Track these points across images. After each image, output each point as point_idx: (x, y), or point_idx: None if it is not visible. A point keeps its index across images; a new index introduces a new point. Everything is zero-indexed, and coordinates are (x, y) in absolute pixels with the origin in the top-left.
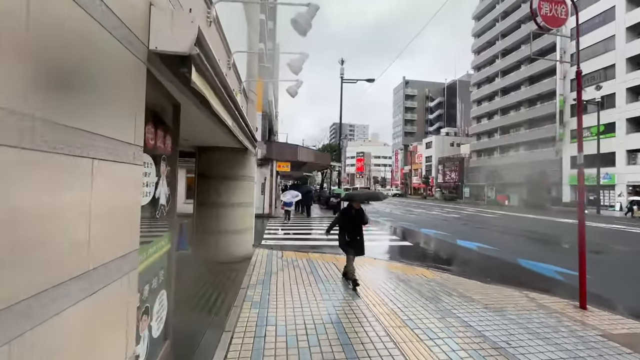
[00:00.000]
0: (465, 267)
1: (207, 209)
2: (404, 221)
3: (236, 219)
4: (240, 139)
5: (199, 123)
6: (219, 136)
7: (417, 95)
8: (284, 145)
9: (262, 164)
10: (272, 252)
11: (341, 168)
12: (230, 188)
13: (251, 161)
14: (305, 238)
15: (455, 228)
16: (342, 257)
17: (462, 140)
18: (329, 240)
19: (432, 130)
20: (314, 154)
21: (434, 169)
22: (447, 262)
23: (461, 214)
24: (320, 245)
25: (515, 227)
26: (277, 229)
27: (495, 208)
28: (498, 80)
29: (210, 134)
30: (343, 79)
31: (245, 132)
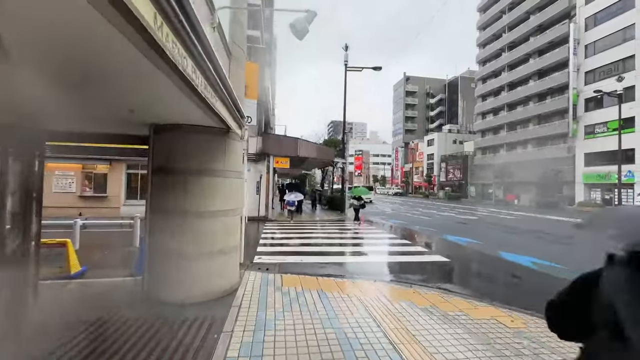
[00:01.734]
0: (540, 299)
1: (167, 219)
2: (419, 224)
3: (215, 235)
4: (219, 112)
5: (144, 81)
6: (184, 107)
7: (417, 91)
8: (283, 138)
9: (257, 159)
10: (268, 277)
11: (345, 165)
12: (206, 188)
13: (236, 148)
14: (308, 244)
15: (483, 233)
16: (363, 282)
17: (465, 138)
18: (337, 255)
19: (433, 127)
20: (316, 149)
21: (436, 167)
22: (510, 292)
23: (477, 215)
24: (329, 261)
25: (555, 233)
26: (274, 234)
27: (506, 208)
28: (505, 74)
29: (171, 104)
30: (347, 67)
31: (226, 101)
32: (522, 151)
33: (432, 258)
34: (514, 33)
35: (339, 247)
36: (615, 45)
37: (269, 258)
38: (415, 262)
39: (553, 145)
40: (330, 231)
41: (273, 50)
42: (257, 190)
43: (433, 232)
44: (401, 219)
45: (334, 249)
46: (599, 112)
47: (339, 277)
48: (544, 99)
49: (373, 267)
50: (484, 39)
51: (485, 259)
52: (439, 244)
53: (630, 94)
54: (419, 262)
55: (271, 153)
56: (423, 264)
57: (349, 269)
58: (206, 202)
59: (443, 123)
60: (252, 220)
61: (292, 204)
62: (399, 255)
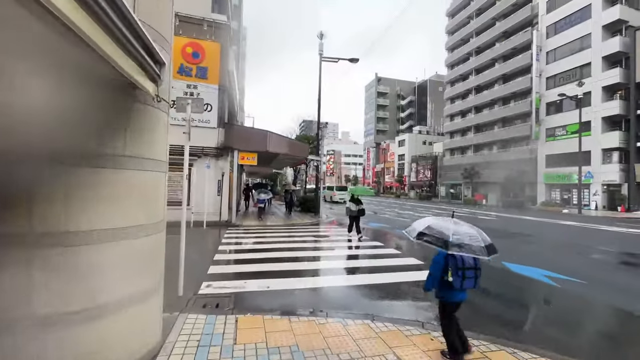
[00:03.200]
0: (560, 334)
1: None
2: (400, 227)
3: (105, 275)
4: (92, 38)
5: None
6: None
7: (389, 92)
8: (249, 130)
9: (219, 154)
10: (214, 323)
11: (320, 162)
12: (86, 189)
13: (150, 119)
14: (278, 258)
15: None
16: (358, 324)
17: (434, 139)
18: (316, 276)
19: (404, 128)
20: (288, 144)
21: (407, 168)
22: (562, 330)
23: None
24: (306, 286)
25: (539, 235)
26: (236, 244)
27: (477, 208)
28: (472, 78)
29: None
30: (322, 57)
31: (111, 19)
32: (488, 152)
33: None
34: (480, 38)
35: (317, 261)
36: (574, 52)
37: (222, 285)
38: (411, 282)
39: (517, 147)
40: (305, 238)
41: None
42: (219, 191)
43: None
44: (381, 222)
45: (311, 266)
46: (559, 115)
47: (321, 315)
48: (508, 103)
49: (362, 291)
50: (453, 43)
51: (493, 274)
52: (430, 253)
53: (587, 100)
54: (414, 282)
55: (236, 147)
56: (420, 284)
57: (333, 297)
58: (86, 215)
59: (413, 124)
60: (213, 226)
61: (262, 202)
62: (387, 272)
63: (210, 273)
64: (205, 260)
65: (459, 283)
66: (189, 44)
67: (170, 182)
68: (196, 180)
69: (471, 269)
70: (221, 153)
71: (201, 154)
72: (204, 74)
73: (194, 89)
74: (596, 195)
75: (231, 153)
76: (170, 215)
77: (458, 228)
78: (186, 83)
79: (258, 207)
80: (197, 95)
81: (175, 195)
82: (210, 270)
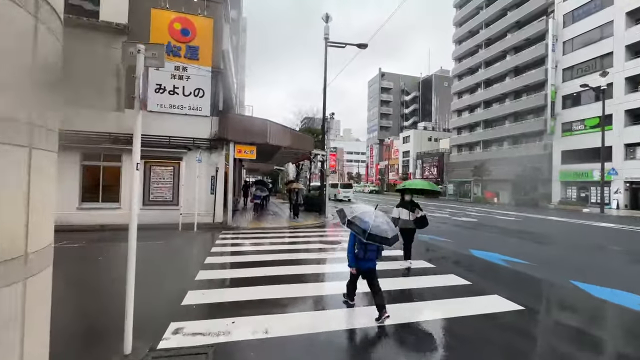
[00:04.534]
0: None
1: None
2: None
3: None
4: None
5: None
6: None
7: (392, 88)
8: (247, 120)
9: (212, 147)
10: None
11: (326, 157)
12: None
13: None
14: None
15: (519, 247)
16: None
17: (440, 135)
18: (332, 308)
19: (408, 124)
20: (291, 135)
21: (411, 165)
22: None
23: (472, 216)
24: (321, 329)
25: (604, 244)
26: (228, 254)
27: (490, 207)
28: (481, 71)
29: None
30: (328, 41)
31: None
32: (498, 149)
33: (492, 305)
34: (490, 29)
35: (337, 281)
36: (593, 42)
37: (199, 327)
38: (467, 317)
39: (529, 142)
40: (313, 245)
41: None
42: (212, 189)
43: (449, 244)
44: None
45: (327, 289)
46: (577, 109)
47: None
48: (520, 96)
49: (417, 339)
50: (460, 35)
51: (589, 308)
52: (476, 268)
53: (608, 92)
54: (473, 318)
55: (231, 139)
56: (481, 320)
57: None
58: None
59: (417, 120)
60: (204, 229)
61: (258, 198)
62: (431, 301)
63: (186, 304)
64: (183, 281)
65: (362, 254)
66: (177, 19)
67: (158, 177)
68: (186, 176)
69: (373, 245)
70: (215, 145)
71: (192, 146)
72: (195, 54)
73: (183, 71)
74: (618, 193)
75: (226, 146)
76: (160, 217)
77: (377, 221)
78: (174, 64)
79: (254, 203)
80: (187, 79)
81: (162, 194)
82: (186, 298)
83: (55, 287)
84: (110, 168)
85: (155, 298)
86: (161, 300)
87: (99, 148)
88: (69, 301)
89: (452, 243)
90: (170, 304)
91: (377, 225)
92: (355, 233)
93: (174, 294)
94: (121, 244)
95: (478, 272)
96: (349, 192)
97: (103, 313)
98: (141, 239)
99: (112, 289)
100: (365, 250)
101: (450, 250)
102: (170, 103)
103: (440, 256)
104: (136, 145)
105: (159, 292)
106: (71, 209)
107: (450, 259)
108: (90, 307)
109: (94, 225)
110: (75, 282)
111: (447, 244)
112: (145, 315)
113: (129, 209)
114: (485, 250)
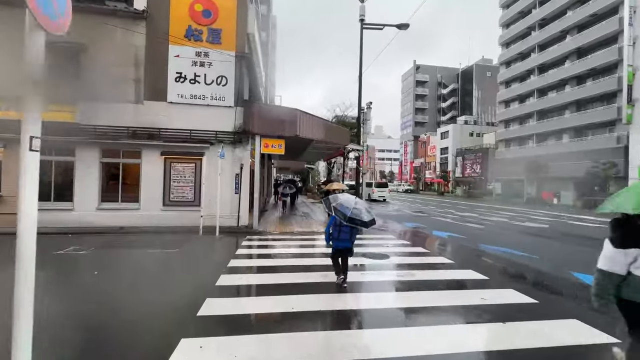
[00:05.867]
0: None
1: None
2: (484, 241)
3: None
4: None
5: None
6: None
7: (428, 81)
8: (274, 109)
9: (236, 141)
10: None
11: (362, 153)
12: None
13: None
14: (313, 311)
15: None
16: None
17: (482, 130)
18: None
19: (445, 119)
20: (324, 127)
21: (450, 162)
22: None
23: (538, 221)
24: None
25: None
26: (249, 272)
27: (553, 209)
28: (534, 55)
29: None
30: (363, 23)
31: None
32: (556, 142)
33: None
34: (546, 8)
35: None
36: None
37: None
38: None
39: (596, 134)
40: (358, 260)
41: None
42: (237, 188)
43: (538, 263)
44: (450, 229)
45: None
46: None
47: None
48: (583, 82)
49: None
50: (508, 17)
51: None
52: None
53: None
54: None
55: (257, 132)
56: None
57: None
58: None
59: (456, 115)
60: (228, 233)
61: (286, 195)
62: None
63: (183, 348)
64: (189, 306)
65: (336, 234)
66: (198, 0)
67: (178, 175)
68: (208, 174)
69: (346, 228)
70: (239, 139)
71: (214, 141)
72: (217, 37)
73: (204, 57)
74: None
75: (252, 140)
76: (181, 218)
77: (356, 207)
78: (194, 50)
79: (282, 201)
80: (209, 65)
81: (183, 194)
82: (181, 344)
83: None
84: (129, 166)
85: (144, 335)
86: (152, 341)
87: (117, 144)
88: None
89: (539, 260)
90: (163, 345)
91: (357, 210)
92: (339, 217)
93: (170, 329)
94: (133, 250)
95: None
96: (384, 191)
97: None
98: (154, 245)
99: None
100: (339, 232)
101: (552, 277)
102: (191, 93)
103: (550, 288)
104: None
105: (153, 327)
106: (91, 208)
107: (568, 293)
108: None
109: (113, 227)
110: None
111: (533, 261)
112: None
113: (148, 209)
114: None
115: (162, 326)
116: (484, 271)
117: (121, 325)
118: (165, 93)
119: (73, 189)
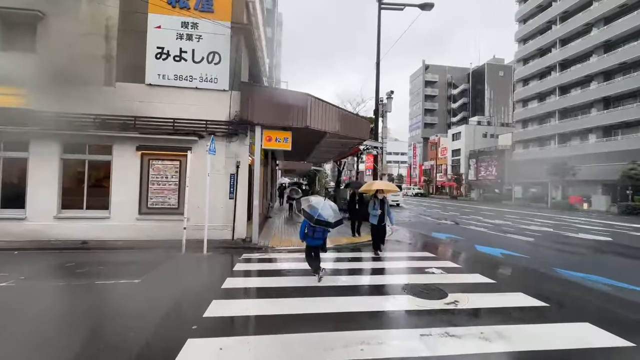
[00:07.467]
0: None
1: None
2: (541, 260)
3: None
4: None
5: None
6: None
7: (438, 82)
8: (279, 93)
9: (231, 133)
10: None
11: (380, 150)
12: None
13: None
14: None
15: None
16: None
17: (497, 131)
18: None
19: (456, 120)
20: (340, 116)
21: (463, 164)
22: None
23: (584, 229)
24: None
25: None
26: (254, 304)
27: (579, 214)
28: (555, 51)
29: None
30: (382, 3)
31: None
32: (581, 143)
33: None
34: (568, 0)
35: None
36: None
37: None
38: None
39: (625, 134)
40: (396, 297)
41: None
42: (231, 192)
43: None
44: (494, 243)
45: None
46: None
47: None
48: (611, 77)
49: None
50: (526, 12)
51: None
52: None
53: None
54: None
55: (258, 122)
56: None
57: None
58: None
59: (467, 116)
60: (219, 249)
61: (293, 199)
62: None
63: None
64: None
65: (311, 233)
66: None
67: (159, 175)
68: (194, 174)
69: (319, 228)
70: (235, 131)
71: (204, 132)
72: (209, 5)
73: (192, 29)
74: None
75: (251, 132)
76: (161, 230)
77: (324, 208)
78: (180, 20)
79: (289, 204)
80: (199, 39)
81: (165, 199)
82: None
83: None
84: (97, 163)
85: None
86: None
87: (82, 136)
88: None
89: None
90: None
91: (324, 213)
92: (307, 219)
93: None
94: (77, 282)
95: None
96: (397, 195)
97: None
98: (115, 271)
99: None
100: (314, 232)
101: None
102: (175, 73)
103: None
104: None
105: None
106: (48, 217)
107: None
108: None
109: (75, 240)
110: None
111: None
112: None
113: (120, 218)
114: None
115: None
116: (612, 325)
117: None
118: (143, 73)
119: (26, 192)
